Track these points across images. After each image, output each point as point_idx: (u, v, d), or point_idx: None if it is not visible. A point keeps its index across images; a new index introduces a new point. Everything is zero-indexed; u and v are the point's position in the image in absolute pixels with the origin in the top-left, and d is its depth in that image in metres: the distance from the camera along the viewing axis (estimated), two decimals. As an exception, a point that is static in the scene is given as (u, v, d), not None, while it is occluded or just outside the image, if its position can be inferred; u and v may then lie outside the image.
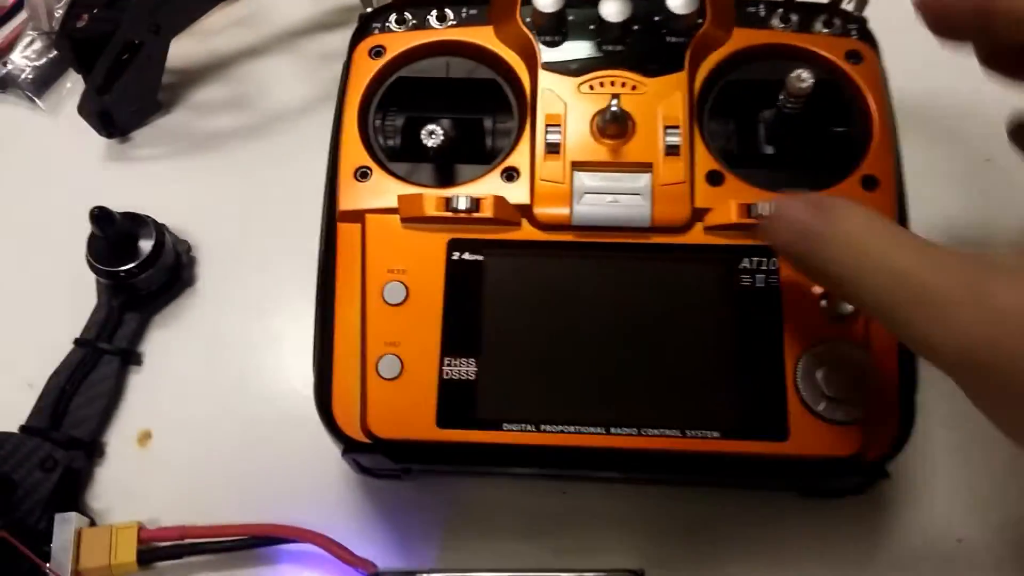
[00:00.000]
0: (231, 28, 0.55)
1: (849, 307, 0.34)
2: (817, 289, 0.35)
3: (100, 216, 0.43)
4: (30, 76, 0.54)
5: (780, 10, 0.41)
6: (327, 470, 0.42)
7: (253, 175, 0.51)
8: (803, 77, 0.36)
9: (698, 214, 0.36)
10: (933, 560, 0.40)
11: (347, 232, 0.38)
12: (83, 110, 0.50)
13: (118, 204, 0.46)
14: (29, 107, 0.54)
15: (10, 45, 0.55)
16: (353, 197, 0.38)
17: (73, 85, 0.54)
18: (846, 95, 0.39)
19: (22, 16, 0.56)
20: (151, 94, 0.51)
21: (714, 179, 0.37)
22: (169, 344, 0.46)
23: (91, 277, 0.46)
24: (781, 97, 0.37)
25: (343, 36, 0.43)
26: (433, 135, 0.37)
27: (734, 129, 0.40)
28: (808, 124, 0.39)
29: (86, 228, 0.45)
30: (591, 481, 0.41)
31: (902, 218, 0.37)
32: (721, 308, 0.35)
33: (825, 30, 0.40)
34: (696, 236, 0.36)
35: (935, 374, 0.40)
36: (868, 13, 0.41)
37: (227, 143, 0.52)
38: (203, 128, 0.52)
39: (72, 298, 0.46)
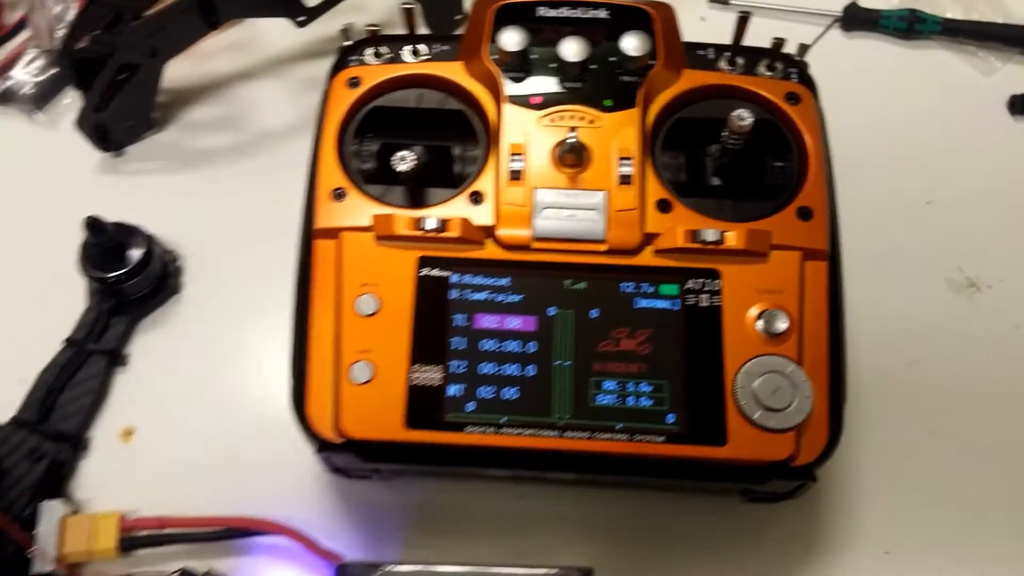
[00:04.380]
0: (224, 52, 0.55)
1: (783, 326, 0.35)
2: (755, 310, 0.36)
3: (93, 225, 0.43)
4: (31, 91, 0.54)
5: (727, 53, 0.42)
6: (300, 470, 0.42)
7: (239, 191, 0.51)
8: (743, 116, 0.37)
9: (648, 238, 0.37)
10: (862, 570, 0.41)
11: (323, 248, 0.38)
12: (81, 125, 0.50)
13: (110, 215, 0.46)
14: (29, 121, 0.54)
15: (12, 62, 0.55)
16: (329, 216, 0.38)
17: (72, 101, 0.54)
18: (785, 133, 0.40)
19: (25, 34, 0.56)
20: (146, 112, 0.52)
21: (663, 207, 0.38)
22: (154, 347, 0.46)
23: (82, 281, 0.46)
24: (724, 134, 0.38)
25: (327, 64, 0.44)
26: (404, 160, 0.37)
27: (683, 162, 0.41)
28: (750, 159, 0.40)
29: (79, 236, 0.45)
30: (546, 484, 0.42)
31: (834, 245, 0.38)
32: (668, 324, 0.36)
33: (768, 73, 0.42)
34: (646, 258, 0.37)
35: (865, 388, 0.41)
36: (825, 63, 0.42)
37: (216, 160, 0.52)
38: (194, 145, 0.53)
39: (63, 301, 0.46)
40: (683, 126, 0.40)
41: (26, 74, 0.55)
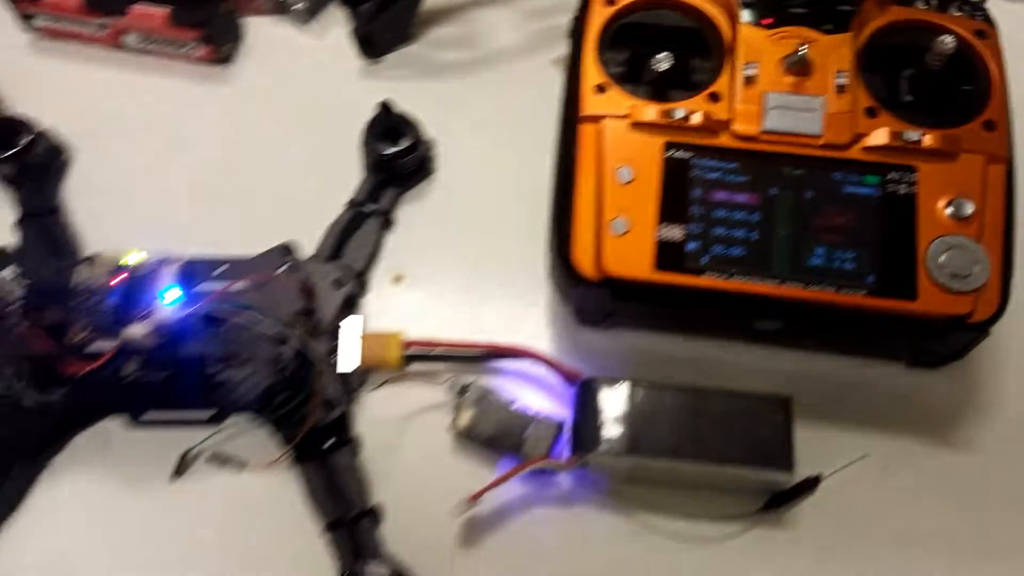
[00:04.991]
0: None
1: (968, 211, 0.44)
2: (944, 199, 0.44)
3: (386, 107, 0.53)
4: (302, 6, 0.64)
5: (923, -5, 0.50)
6: (537, 319, 0.53)
7: (475, 98, 0.61)
8: (947, 41, 0.46)
9: (857, 137, 0.46)
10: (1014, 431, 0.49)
11: (587, 131, 0.48)
12: (354, 35, 0.61)
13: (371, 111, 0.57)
14: (300, 31, 0.64)
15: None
16: (593, 106, 0.48)
17: (335, 15, 0.64)
18: (974, 61, 0.48)
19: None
20: (405, 27, 0.62)
21: (871, 113, 0.46)
22: (416, 215, 0.57)
23: (348, 162, 0.57)
24: (928, 55, 0.47)
25: None
26: (662, 61, 0.47)
27: (883, 83, 0.49)
28: (944, 80, 0.48)
29: (347, 126, 0.57)
30: (748, 344, 0.51)
31: (1010, 154, 0.46)
32: (870, 207, 0.45)
33: (958, 13, 0.50)
34: (854, 153, 0.46)
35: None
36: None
37: (455, 72, 0.62)
38: (438, 58, 0.63)
39: (337, 175, 0.57)
40: (887, 51, 0.48)
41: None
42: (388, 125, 0.55)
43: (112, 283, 0.43)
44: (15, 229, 0.55)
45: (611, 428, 0.45)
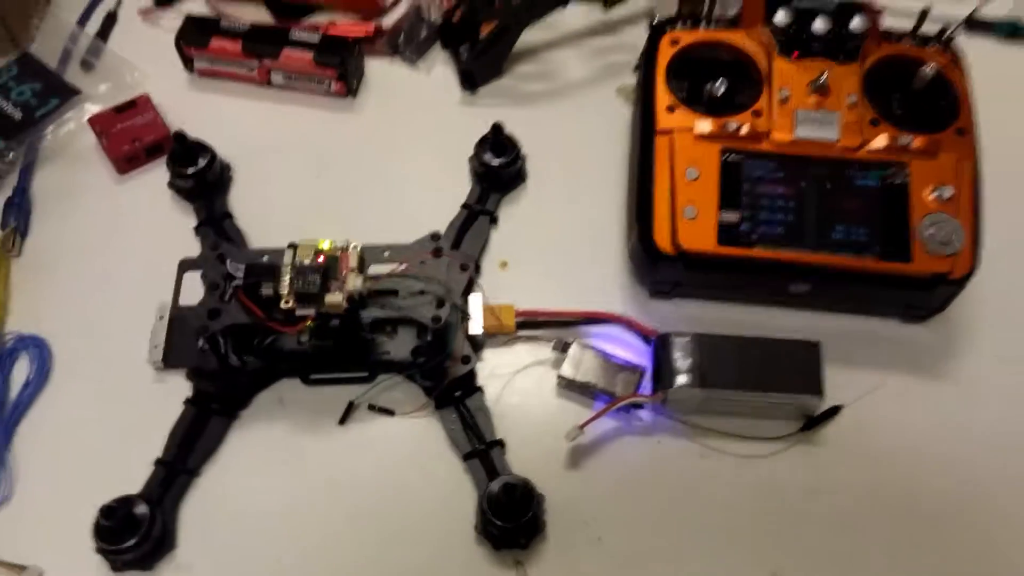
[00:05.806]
0: (538, 27, 0.80)
1: (948, 195, 0.59)
2: (930, 187, 0.60)
3: (498, 127, 0.69)
4: (410, 48, 0.80)
5: (908, 35, 0.66)
6: (616, 293, 0.68)
7: (555, 122, 0.76)
8: (928, 69, 0.62)
9: (864, 142, 0.62)
10: (984, 375, 0.64)
11: (661, 141, 0.63)
12: (457, 71, 0.76)
13: (473, 134, 0.72)
14: (411, 69, 0.80)
15: (398, 30, 0.81)
16: (665, 121, 0.64)
17: (438, 56, 0.80)
18: (948, 84, 0.64)
19: (403, 6, 0.82)
20: (499, 64, 0.77)
21: (874, 123, 0.62)
22: (512, 213, 0.72)
23: (460, 173, 0.72)
24: (914, 79, 0.63)
25: (607, 39, 0.68)
26: (720, 86, 0.62)
27: (882, 100, 0.65)
28: (926, 98, 0.64)
29: (453, 145, 0.72)
30: (783, 308, 0.66)
31: (977, 152, 0.62)
32: (876, 193, 0.61)
33: (934, 47, 0.66)
34: (863, 154, 0.62)
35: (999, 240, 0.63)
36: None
37: (539, 100, 0.78)
38: (524, 89, 0.78)
39: (448, 182, 0.72)
40: (885, 76, 0.64)
41: (404, 35, 0.80)
42: (496, 141, 0.70)
43: (319, 260, 0.58)
44: (196, 233, 0.70)
45: (684, 369, 0.60)
